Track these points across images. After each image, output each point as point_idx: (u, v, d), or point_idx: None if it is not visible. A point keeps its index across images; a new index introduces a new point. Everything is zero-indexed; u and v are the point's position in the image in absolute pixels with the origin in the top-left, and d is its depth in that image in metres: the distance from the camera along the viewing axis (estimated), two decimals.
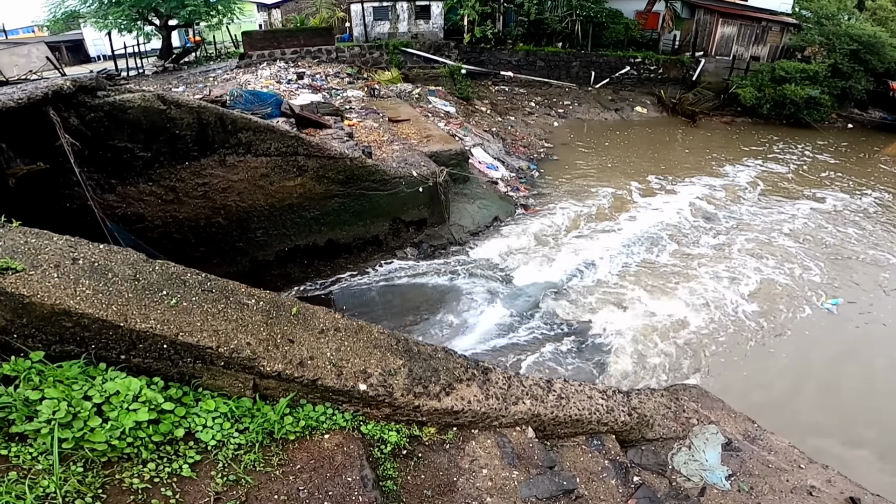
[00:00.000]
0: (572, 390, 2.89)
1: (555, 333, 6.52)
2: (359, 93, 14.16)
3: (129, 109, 5.51)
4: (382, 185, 7.85)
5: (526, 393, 2.68)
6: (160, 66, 16.80)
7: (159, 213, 6.15)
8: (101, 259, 2.39)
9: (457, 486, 2.16)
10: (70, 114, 5.22)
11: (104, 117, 5.43)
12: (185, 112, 5.81)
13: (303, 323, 2.48)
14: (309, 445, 2.11)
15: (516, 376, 2.79)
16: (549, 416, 2.65)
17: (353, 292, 7.36)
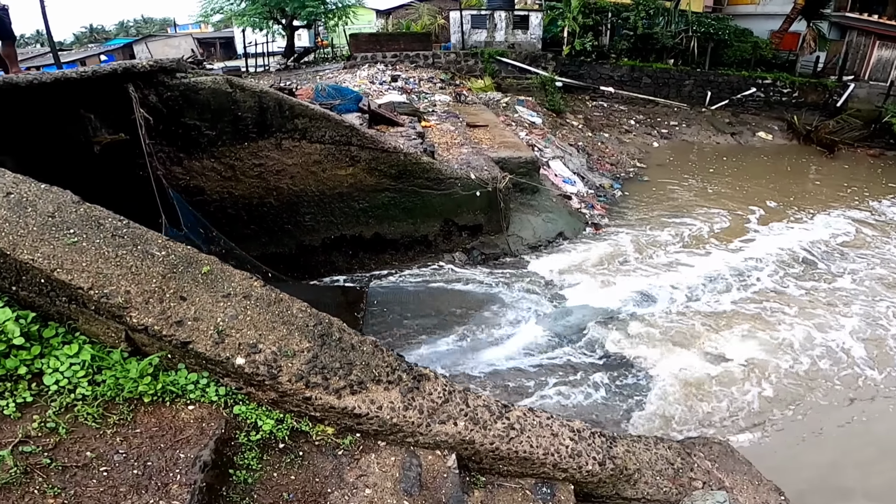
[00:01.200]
0: (533, 422, 2.42)
1: (593, 362, 5.83)
2: (446, 97, 14.30)
3: (201, 90, 5.99)
4: (436, 184, 7.71)
5: (465, 413, 2.28)
6: (282, 64, 18.44)
7: (217, 189, 6.59)
8: (32, 196, 2.47)
9: (326, 499, 1.85)
10: (150, 91, 5.79)
11: (179, 96, 5.95)
12: (248, 95, 6.18)
13: (208, 284, 2.35)
14: (164, 412, 1.96)
15: (464, 392, 2.40)
16: (488, 446, 2.23)
17: (390, 288, 7.28)
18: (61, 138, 5.75)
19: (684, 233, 9.28)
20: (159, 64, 5.69)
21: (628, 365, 5.73)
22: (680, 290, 7.28)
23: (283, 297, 2.46)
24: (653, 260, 8.29)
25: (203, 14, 16.10)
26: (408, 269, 7.79)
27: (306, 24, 17.46)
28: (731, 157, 14.65)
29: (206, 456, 1.78)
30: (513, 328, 6.47)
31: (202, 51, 23.99)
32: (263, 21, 16.32)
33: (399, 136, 9.40)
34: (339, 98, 9.70)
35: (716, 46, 17.48)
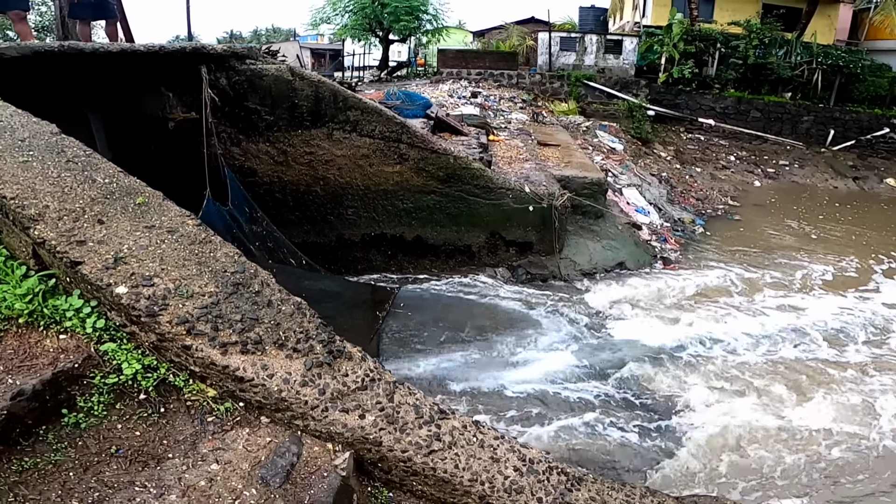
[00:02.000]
0: (470, 438, 1.96)
1: (625, 400, 5.06)
2: (523, 116, 14.03)
3: (265, 77, 6.28)
4: (485, 192, 7.38)
5: (381, 408, 1.89)
6: (376, 76, 19.42)
7: (269, 172, 6.83)
8: (16, 125, 2.57)
9: (161, 466, 1.56)
10: (221, 75, 6.17)
11: (245, 81, 6.29)
12: (306, 84, 6.38)
13: (136, 213, 2.22)
14: (32, 336, 1.81)
15: (392, 384, 2.02)
16: (398, 453, 1.81)
17: (421, 293, 7.01)
18: (145, 111, 6.32)
19: (770, 278, 7.99)
20: (232, 49, 6.07)
21: (666, 408, 4.88)
22: (751, 338, 6.18)
23: (214, 239, 2.28)
24: (724, 303, 7.19)
25: (312, 23, 17.51)
26: (446, 278, 7.47)
27: (401, 39, 18.22)
28: (849, 204, 12.63)
29: (27, 388, 1.59)
30: (541, 353, 5.86)
31: (313, 60, 26.14)
32: (362, 33, 17.32)
33: (459, 144, 9.24)
34: (408, 103, 9.82)
35: (845, 81, 15.44)
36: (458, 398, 4.91)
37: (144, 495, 1.46)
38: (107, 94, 6.23)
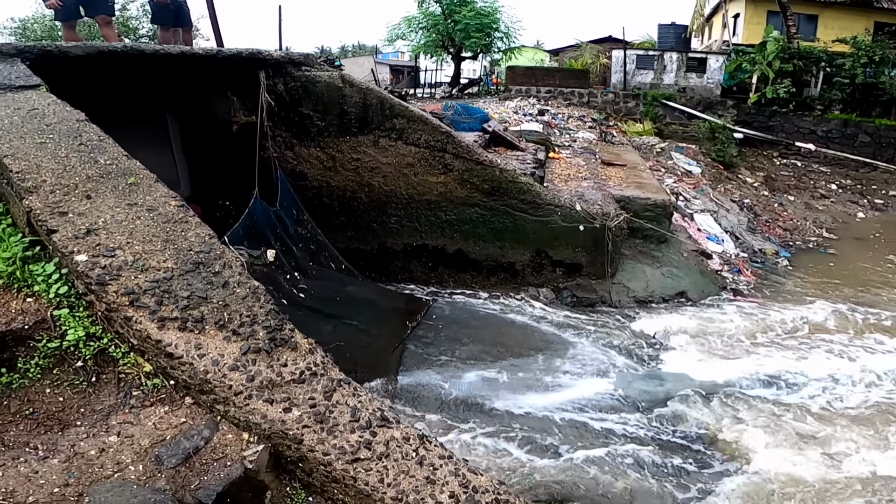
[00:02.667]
0: (408, 451, 1.73)
1: (663, 437, 4.51)
2: (590, 135, 13.53)
3: (318, 83, 6.55)
4: (532, 208, 7.10)
5: (313, 404, 1.75)
6: (447, 92, 19.78)
7: (318, 176, 7.06)
8: (48, 111, 2.79)
9: (63, 432, 1.50)
10: (278, 80, 6.53)
11: (300, 87, 6.60)
12: (355, 91, 6.55)
13: (124, 191, 2.29)
14: (3, 297, 1.86)
15: (334, 382, 1.87)
16: (319, 455, 1.64)
17: (456, 307, 6.82)
18: (215, 114, 6.83)
19: (862, 318, 6.85)
20: (289, 55, 6.42)
21: (709, 450, 4.25)
22: (825, 382, 5.28)
23: (190, 220, 2.29)
24: (800, 341, 6.25)
25: (388, 39, 18.32)
26: (486, 295, 7.21)
27: (472, 56, 18.44)
28: None
29: None
30: (576, 378, 5.40)
31: (392, 76, 27.28)
32: (435, 49, 17.76)
33: (513, 158, 9.05)
34: (465, 116, 9.81)
35: None
36: (477, 416, 4.62)
37: (29, 457, 1.43)
38: (183, 98, 6.81)
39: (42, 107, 2.87)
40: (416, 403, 4.65)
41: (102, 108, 5.77)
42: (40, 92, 3.07)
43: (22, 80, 3.14)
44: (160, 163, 7.05)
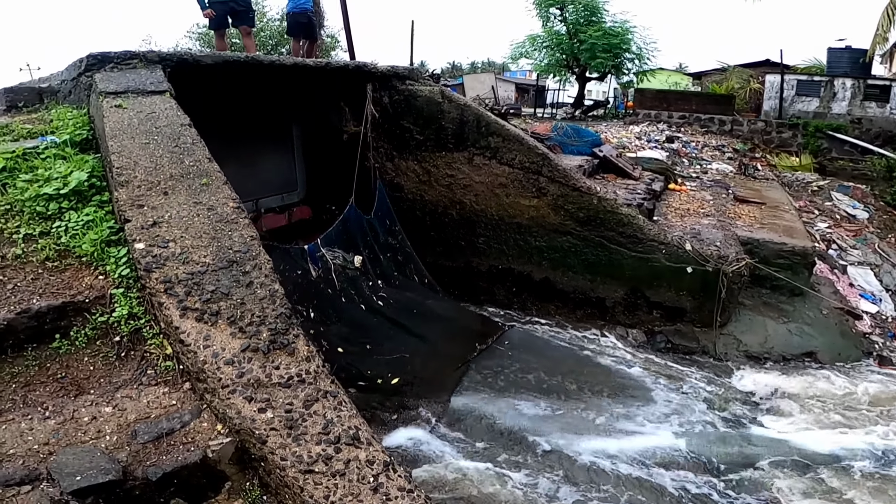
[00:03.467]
0: (367, 476, 1.70)
1: None
2: (727, 167, 12.22)
3: (419, 97, 6.87)
4: (632, 242, 6.60)
5: (289, 409, 1.81)
6: (569, 114, 19.41)
7: (413, 189, 7.37)
8: (162, 115, 3.30)
9: (76, 398, 1.72)
10: (384, 93, 6.99)
11: (402, 100, 6.98)
12: (453, 107, 6.73)
13: (195, 190, 2.64)
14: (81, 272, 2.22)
15: (320, 393, 1.94)
16: (277, 460, 1.71)
17: (532, 336, 6.57)
18: (331, 124, 7.54)
19: None
20: (394, 69, 6.82)
21: None
22: None
23: (240, 221, 2.53)
24: None
25: (511, 57, 18.48)
26: (569, 328, 6.84)
27: (599, 77, 17.77)
28: None
29: (36, 307, 1.97)
30: (646, 428, 4.83)
31: (517, 94, 27.50)
32: (558, 69, 17.48)
33: (622, 188, 8.53)
34: (575, 138, 9.51)
35: None
36: (525, 451, 4.36)
37: (35, 416, 1.69)
38: (305, 108, 7.65)
39: (159, 111, 3.43)
40: (463, 427, 4.54)
41: (239, 114, 6.79)
42: (163, 97, 3.68)
43: (154, 85, 3.79)
44: (283, 167, 7.99)
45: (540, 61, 17.63)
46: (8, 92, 4.79)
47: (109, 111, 3.39)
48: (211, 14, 7.05)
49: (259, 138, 7.24)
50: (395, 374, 5.13)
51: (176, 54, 4.45)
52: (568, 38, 16.34)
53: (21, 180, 2.95)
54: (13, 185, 2.93)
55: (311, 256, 6.03)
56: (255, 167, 7.35)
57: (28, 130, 3.80)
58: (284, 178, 7.93)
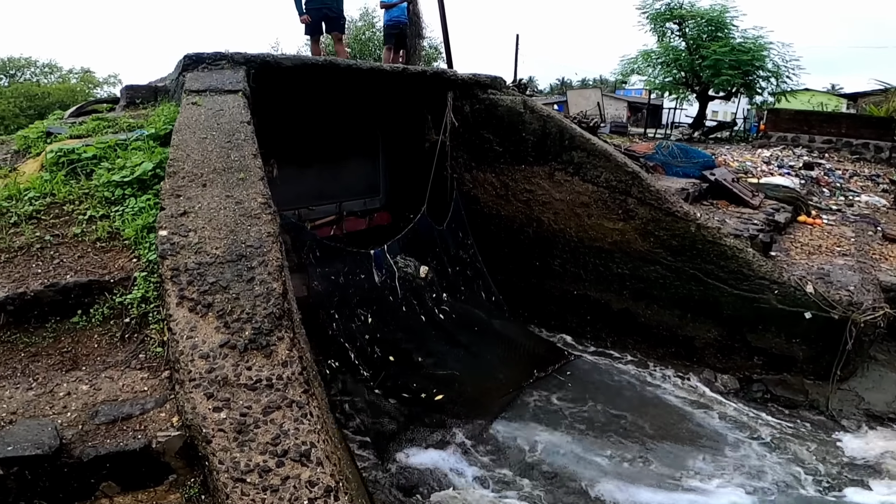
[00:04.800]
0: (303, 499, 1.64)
1: None
2: (880, 201, 10.39)
3: (500, 107, 6.74)
4: (735, 278, 5.82)
5: (242, 411, 1.76)
6: (686, 135, 18.01)
7: (489, 203, 7.22)
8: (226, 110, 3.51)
9: (67, 372, 1.80)
10: (465, 102, 6.97)
11: (483, 110, 6.90)
12: (535, 118, 6.49)
13: (231, 185, 2.75)
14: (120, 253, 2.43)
15: (290, 405, 1.83)
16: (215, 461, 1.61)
17: (601, 369, 6.03)
18: (413, 132, 7.71)
19: None
20: (476, 77, 6.76)
21: None
22: None
23: (263, 216, 2.59)
24: None
25: (622, 73, 17.46)
26: (647, 364, 6.19)
27: (724, 96, 16.11)
28: None
29: (63, 282, 2.17)
30: (721, 485, 4.12)
31: (629, 113, 26.11)
32: (676, 87, 16.20)
33: (734, 216, 7.62)
34: (682, 159, 8.69)
35: None
36: (568, 495, 3.93)
37: (21, 387, 1.81)
38: (390, 116, 7.89)
39: (226, 108, 3.71)
40: (500, 456, 4.22)
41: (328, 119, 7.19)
42: (235, 96, 3.96)
43: (231, 85, 4.12)
44: (367, 172, 8.31)
45: (654, 78, 16.52)
46: (129, 89, 5.53)
47: (186, 108, 3.74)
48: (307, 19, 7.57)
49: (346, 143, 7.59)
50: (441, 390, 4.99)
51: (259, 56, 4.77)
52: (688, 54, 15.12)
53: (102, 167, 3.36)
54: (95, 172, 3.34)
55: (377, 262, 6.14)
56: (340, 171, 7.72)
57: (129, 124, 4.34)
58: (368, 184, 8.21)
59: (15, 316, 2.13)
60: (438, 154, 7.22)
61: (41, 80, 25.29)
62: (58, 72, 26.19)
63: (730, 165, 10.88)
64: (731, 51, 14.06)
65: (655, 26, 15.95)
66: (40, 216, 2.86)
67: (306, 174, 7.19)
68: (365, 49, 23.65)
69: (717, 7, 15.18)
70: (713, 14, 14.88)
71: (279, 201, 6.57)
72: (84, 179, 3.30)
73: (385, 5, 8.55)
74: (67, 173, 3.36)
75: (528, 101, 6.57)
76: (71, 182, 3.25)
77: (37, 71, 25.75)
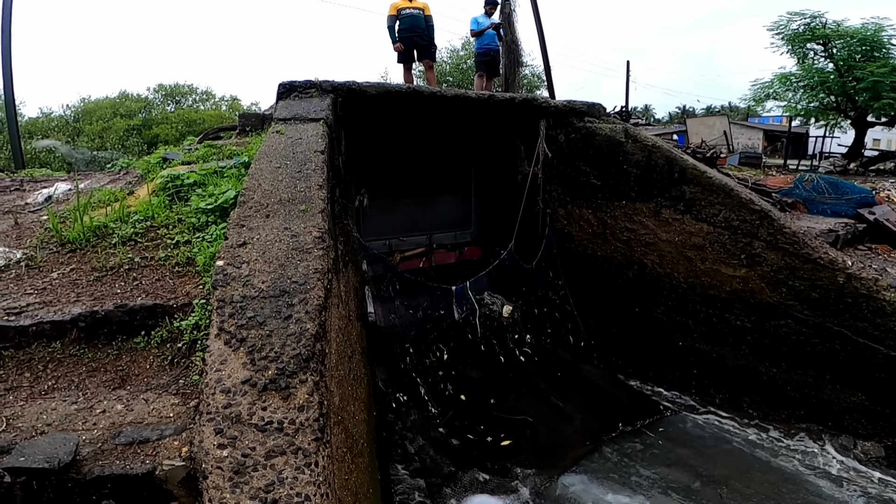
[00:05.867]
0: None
1: None
2: None
3: (598, 136, 6.37)
4: (894, 337, 4.78)
5: (245, 452, 1.75)
6: (840, 166, 15.75)
7: (584, 241, 6.81)
8: (304, 139, 3.67)
9: (112, 390, 1.90)
10: (560, 131, 6.72)
11: (579, 139, 6.57)
12: (638, 148, 6.02)
13: (290, 216, 2.78)
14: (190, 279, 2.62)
15: (296, 453, 1.80)
16: (207, 495, 1.67)
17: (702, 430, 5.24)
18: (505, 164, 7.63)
19: None
20: (571, 104, 6.47)
21: None
22: None
23: (315, 251, 2.61)
24: None
25: (755, 99, 15.65)
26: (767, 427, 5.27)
27: (887, 122, 13.62)
28: None
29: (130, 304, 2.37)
30: None
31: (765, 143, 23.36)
32: (824, 112, 14.12)
33: (886, 258, 6.34)
34: (830, 195, 7.49)
35: None
36: None
37: (69, 398, 1.96)
38: (483, 148, 7.89)
39: (304, 137, 3.90)
40: None
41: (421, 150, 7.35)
42: (316, 124, 4.16)
43: (315, 113, 4.34)
44: (459, 205, 8.34)
45: (795, 103, 14.59)
46: (242, 117, 6.12)
47: (269, 136, 4.02)
48: (400, 48, 7.94)
49: (439, 174, 7.71)
50: (510, 435, 4.67)
51: (345, 84, 4.98)
52: (837, 76, 13.20)
53: (196, 194, 3.74)
54: (192, 198, 3.72)
55: (458, 298, 6.05)
56: (433, 203, 7.84)
57: (232, 151, 4.80)
58: (459, 217, 8.25)
59: (86, 332, 2.39)
60: (530, 187, 7.01)
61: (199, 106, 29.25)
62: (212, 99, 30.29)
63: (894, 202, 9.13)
64: (893, 71, 12.03)
65: (794, 48, 14.20)
66: (137, 238, 3.24)
67: (399, 205, 7.40)
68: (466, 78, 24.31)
69: (869, 25, 13.19)
70: (866, 33, 12.91)
71: (370, 232, 7.02)
72: (181, 205, 3.68)
73: (475, 33, 8.73)
74: (171, 198, 3.78)
75: (630, 129, 6.13)
76: (170, 207, 3.66)
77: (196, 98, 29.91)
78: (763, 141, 24.03)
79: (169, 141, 22.40)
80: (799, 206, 7.76)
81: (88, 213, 3.55)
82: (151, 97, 27.50)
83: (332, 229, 3.19)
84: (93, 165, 14.59)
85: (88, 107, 25.20)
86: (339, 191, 4.62)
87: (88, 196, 4.01)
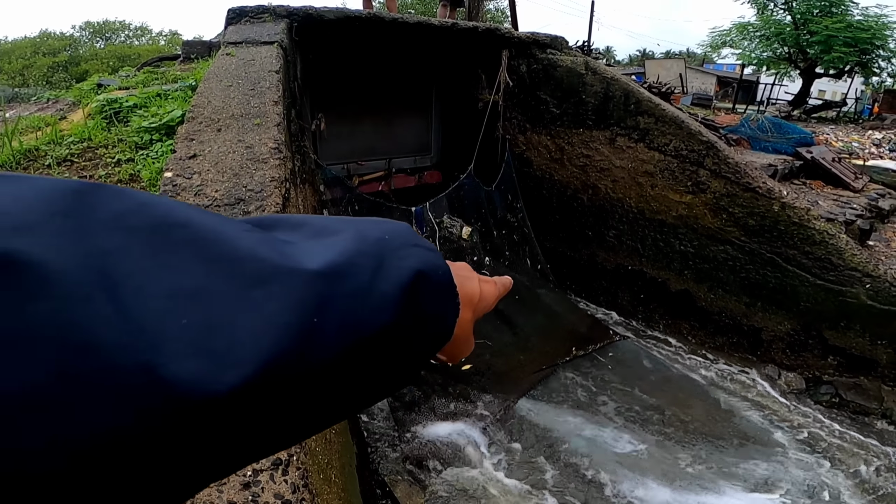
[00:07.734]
0: None
1: None
2: None
3: (559, 68, 6.23)
4: (820, 267, 5.14)
5: None
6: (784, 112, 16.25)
7: (542, 166, 6.82)
8: (257, 60, 3.38)
9: None
10: (522, 62, 6.52)
11: (541, 70, 6.42)
12: (597, 80, 5.93)
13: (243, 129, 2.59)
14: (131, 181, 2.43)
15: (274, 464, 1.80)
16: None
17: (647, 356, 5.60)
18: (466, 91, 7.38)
19: None
20: (534, 36, 6.27)
21: None
22: None
23: (270, 161, 2.47)
24: None
25: (711, 45, 15.64)
26: (704, 353, 5.70)
27: (835, 74, 14.03)
28: None
29: None
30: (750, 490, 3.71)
31: (717, 87, 23.66)
32: (776, 62, 14.37)
33: (830, 199, 6.72)
34: (773, 134, 7.70)
35: None
36: (586, 486, 3.70)
37: None
38: (444, 75, 7.58)
39: (258, 58, 3.62)
40: (520, 437, 4.03)
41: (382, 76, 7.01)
42: (270, 47, 3.87)
43: (268, 37, 4.02)
44: (419, 130, 8.10)
45: (749, 52, 14.70)
46: (186, 45, 5.65)
47: (219, 58, 3.69)
48: None
49: (399, 101, 7.41)
50: (469, 359, 4.85)
51: (301, 9, 4.63)
52: (793, 29, 13.31)
53: (137, 115, 3.42)
54: (132, 120, 3.41)
55: (418, 219, 6.01)
56: (392, 128, 7.57)
57: (175, 76, 4.41)
58: (419, 142, 8.04)
59: None
60: (491, 114, 6.86)
61: (133, 42, 26.82)
62: (148, 34, 27.72)
63: (832, 145, 9.56)
64: (847, 27, 12.26)
65: None
66: (74, 159, 2.96)
67: (358, 131, 7.12)
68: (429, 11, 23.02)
69: None
70: None
71: (328, 156, 6.76)
72: (121, 126, 3.38)
73: None
74: (108, 120, 3.46)
75: (590, 62, 6.00)
76: (108, 129, 3.34)
77: (130, 34, 27.33)
78: (716, 86, 24.22)
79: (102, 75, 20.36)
80: (743, 143, 7.97)
81: (18, 137, 3.20)
82: (77, 34, 24.59)
83: (288, 143, 3.01)
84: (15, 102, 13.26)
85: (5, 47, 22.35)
86: (295, 112, 4.37)
87: (15, 122, 3.61)
